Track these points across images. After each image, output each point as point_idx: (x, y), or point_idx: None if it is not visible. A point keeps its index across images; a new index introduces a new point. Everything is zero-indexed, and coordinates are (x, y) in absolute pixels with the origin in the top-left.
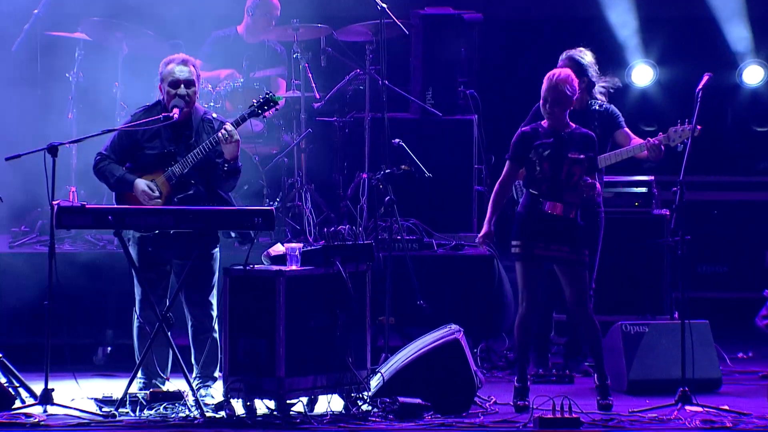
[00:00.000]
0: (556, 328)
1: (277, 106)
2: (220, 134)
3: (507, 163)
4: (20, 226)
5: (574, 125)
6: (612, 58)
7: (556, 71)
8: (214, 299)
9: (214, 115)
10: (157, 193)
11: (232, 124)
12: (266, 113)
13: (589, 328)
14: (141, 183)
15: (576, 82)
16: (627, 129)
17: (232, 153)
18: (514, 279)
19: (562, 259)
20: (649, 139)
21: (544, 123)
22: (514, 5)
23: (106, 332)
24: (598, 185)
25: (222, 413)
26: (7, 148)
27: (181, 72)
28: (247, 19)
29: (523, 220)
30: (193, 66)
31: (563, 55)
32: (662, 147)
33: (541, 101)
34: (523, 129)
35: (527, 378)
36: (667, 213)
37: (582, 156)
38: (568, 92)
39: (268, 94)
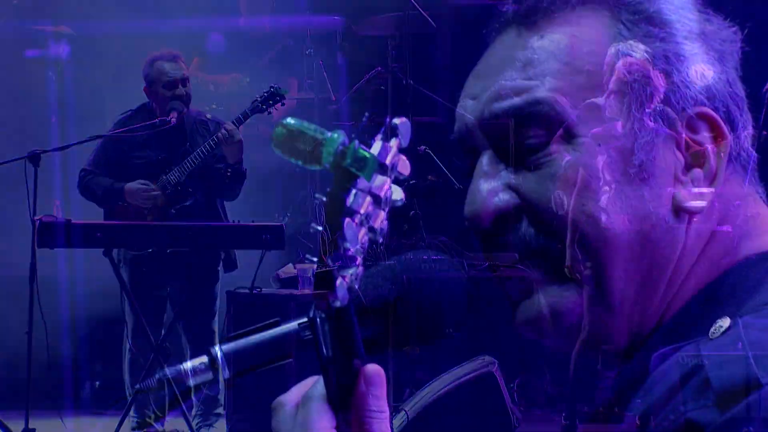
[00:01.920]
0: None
1: (284, 100)
2: (219, 135)
3: None
4: None
5: None
6: None
7: None
8: (216, 326)
9: (209, 115)
10: (153, 187)
11: (233, 122)
12: (271, 109)
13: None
14: (133, 184)
15: None
16: None
17: (235, 155)
18: None
19: None
20: None
21: None
22: None
23: (95, 365)
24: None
25: None
26: None
27: (175, 70)
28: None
29: None
30: (182, 61)
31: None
32: None
33: None
34: None
35: (576, 414)
36: (730, 230)
37: None
38: None
39: (272, 86)
